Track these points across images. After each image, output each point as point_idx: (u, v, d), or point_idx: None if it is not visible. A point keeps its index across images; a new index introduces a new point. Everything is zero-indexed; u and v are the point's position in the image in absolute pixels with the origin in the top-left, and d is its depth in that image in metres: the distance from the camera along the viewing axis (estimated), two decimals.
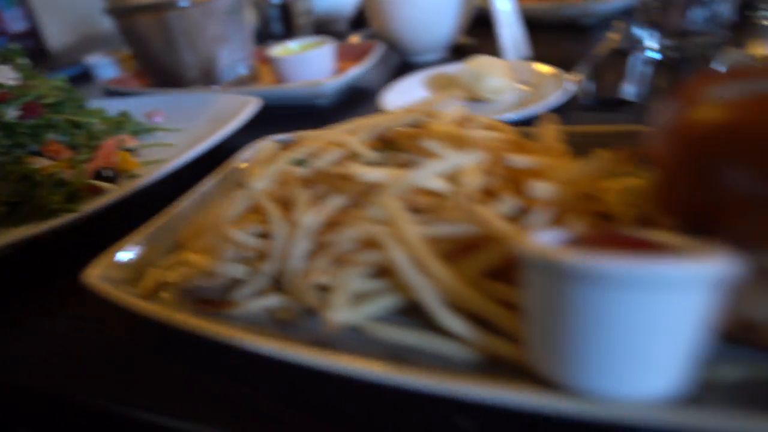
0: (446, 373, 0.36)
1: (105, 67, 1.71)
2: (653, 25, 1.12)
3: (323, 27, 1.97)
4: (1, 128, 0.91)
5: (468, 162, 0.45)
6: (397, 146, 0.54)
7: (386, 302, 0.44)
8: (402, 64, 1.46)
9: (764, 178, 0.31)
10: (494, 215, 0.41)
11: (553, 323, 0.32)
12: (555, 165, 0.46)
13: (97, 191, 0.82)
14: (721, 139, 0.33)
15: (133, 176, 0.88)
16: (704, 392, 0.33)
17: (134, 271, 0.55)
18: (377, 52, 1.37)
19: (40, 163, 0.89)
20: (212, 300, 0.49)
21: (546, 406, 0.32)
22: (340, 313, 0.43)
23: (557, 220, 0.43)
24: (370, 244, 0.45)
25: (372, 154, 0.54)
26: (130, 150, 0.97)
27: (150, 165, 0.91)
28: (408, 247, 0.42)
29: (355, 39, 1.75)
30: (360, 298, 0.44)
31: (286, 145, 0.70)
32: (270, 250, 0.49)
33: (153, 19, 1.36)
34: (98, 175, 0.85)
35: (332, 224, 0.49)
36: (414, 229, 0.43)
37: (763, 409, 0.30)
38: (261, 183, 0.55)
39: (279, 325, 0.47)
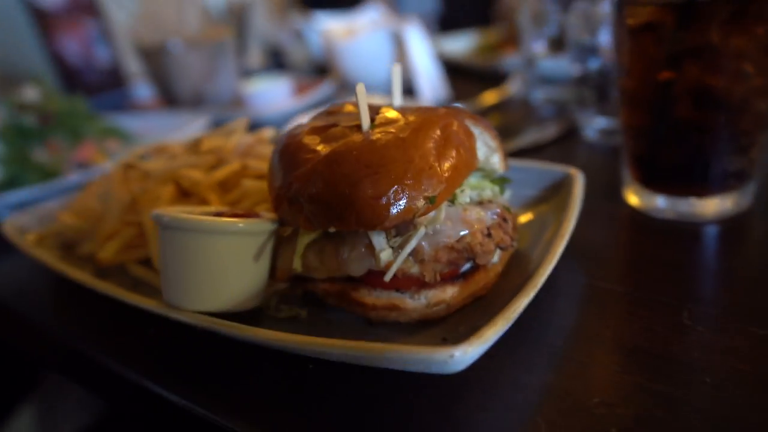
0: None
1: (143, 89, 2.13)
2: None
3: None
4: (19, 131, 1.28)
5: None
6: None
7: None
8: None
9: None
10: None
11: (165, 262, 0.56)
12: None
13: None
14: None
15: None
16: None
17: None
18: (322, 89, 1.67)
19: (42, 154, 1.25)
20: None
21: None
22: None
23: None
24: None
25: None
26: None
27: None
28: None
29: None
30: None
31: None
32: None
33: (155, 58, 1.74)
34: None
35: None
36: None
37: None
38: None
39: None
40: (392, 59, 1.62)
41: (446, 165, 0.51)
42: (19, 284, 0.86)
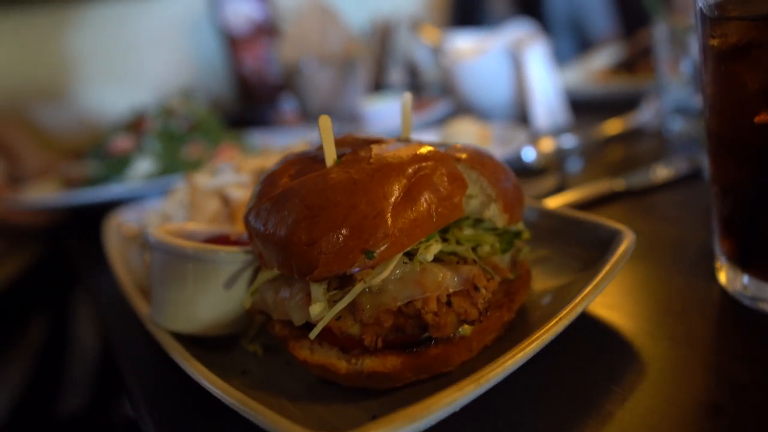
0: None
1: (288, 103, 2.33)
2: None
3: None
4: (169, 134, 1.50)
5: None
6: None
7: None
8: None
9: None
10: None
11: (150, 280, 0.58)
12: None
13: None
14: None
15: None
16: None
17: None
18: (438, 108, 1.63)
19: (188, 153, 1.44)
20: None
21: None
22: None
23: None
24: None
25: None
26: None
27: None
28: None
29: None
30: None
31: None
32: None
33: (292, 75, 1.89)
34: None
35: None
36: None
37: None
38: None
39: None
40: (510, 81, 1.51)
41: (402, 215, 0.44)
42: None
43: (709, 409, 0.43)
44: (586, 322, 0.58)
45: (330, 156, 0.49)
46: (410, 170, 0.46)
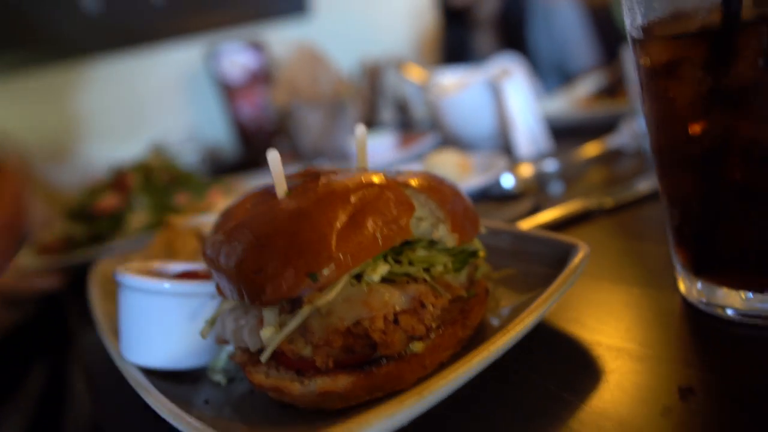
0: None
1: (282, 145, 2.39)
2: None
3: None
4: (153, 189, 1.53)
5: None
6: None
7: None
8: None
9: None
10: None
11: (118, 315, 0.60)
12: None
13: None
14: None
15: None
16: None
17: None
18: (424, 143, 1.66)
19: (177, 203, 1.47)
20: None
21: None
22: None
23: None
24: None
25: None
26: None
27: None
28: None
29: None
30: None
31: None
32: None
33: (284, 117, 1.95)
34: None
35: None
36: None
37: None
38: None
39: None
40: (493, 113, 1.55)
41: (347, 239, 0.46)
42: None
43: (658, 412, 0.44)
44: (551, 336, 0.59)
45: (280, 188, 0.51)
46: (354, 198, 0.48)
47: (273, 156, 0.51)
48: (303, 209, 0.47)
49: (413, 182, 0.53)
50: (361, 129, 0.60)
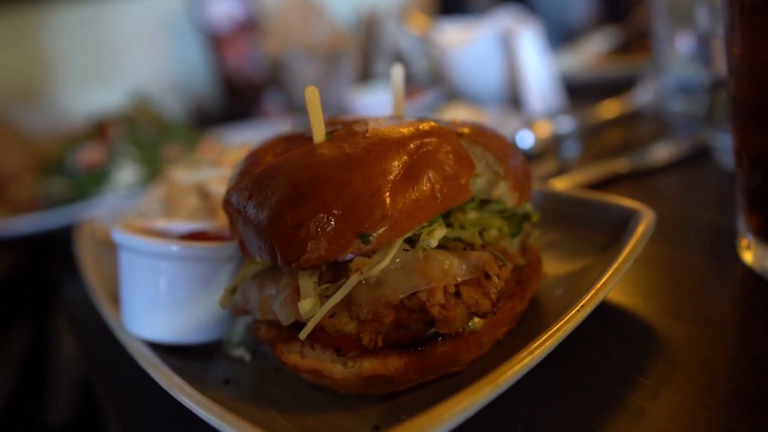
0: None
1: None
2: None
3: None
4: (141, 142, 1.42)
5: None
6: None
7: None
8: None
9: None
10: None
11: (120, 283, 0.52)
12: None
13: None
14: None
15: None
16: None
17: None
18: (428, 96, 1.58)
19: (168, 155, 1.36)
20: None
21: None
22: None
23: None
24: None
25: None
26: None
27: None
28: None
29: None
30: None
31: None
32: None
33: (277, 68, 1.83)
34: None
35: None
36: None
37: None
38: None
39: None
40: (502, 66, 1.46)
41: (402, 195, 0.38)
42: None
43: (749, 400, 0.39)
44: (599, 308, 0.53)
45: (319, 131, 0.43)
46: (412, 146, 0.40)
47: (312, 93, 0.42)
48: (352, 156, 0.39)
49: (467, 131, 0.46)
50: (398, 71, 0.52)
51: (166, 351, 0.49)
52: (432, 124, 0.44)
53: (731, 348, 0.46)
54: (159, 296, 0.49)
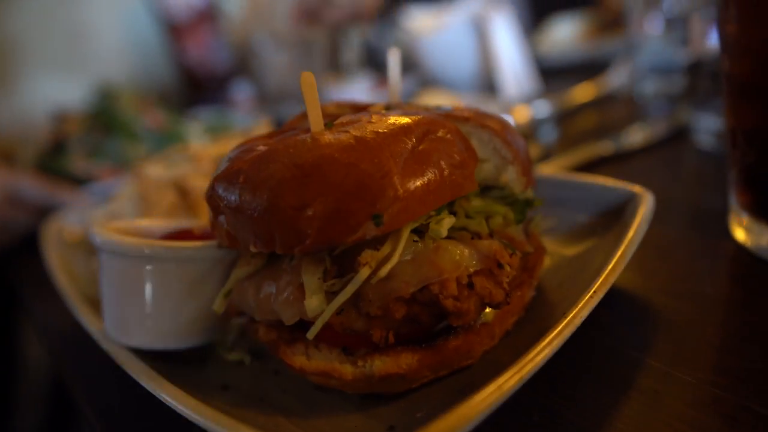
0: None
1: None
2: None
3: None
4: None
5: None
6: None
7: None
8: None
9: None
10: None
11: (101, 288, 0.48)
12: None
13: None
14: None
15: None
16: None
17: None
18: (403, 83, 1.55)
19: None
20: None
21: None
22: None
23: None
24: None
25: None
26: None
27: None
28: None
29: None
30: None
31: None
32: None
33: (246, 57, 1.77)
34: None
35: None
36: None
37: None
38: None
39: None
40: (476, 52, 1.45)
41: (413, 178, 0.36)
42: None
43: (761, 375, 0.39)
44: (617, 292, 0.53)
45: (316, 120, 0.40)
46: (420, 132, 0.38)
47: (308, 78, 0.40)
48: (360, 139, 0.37)
49: (470, 116, 0.44)
50: (395, 56, 0.50)
51: (155, 359, 0.46)
52: (436, 113, 0.42)
53: (735, 324, 0.46)
54: (145, 302, 0.46)
